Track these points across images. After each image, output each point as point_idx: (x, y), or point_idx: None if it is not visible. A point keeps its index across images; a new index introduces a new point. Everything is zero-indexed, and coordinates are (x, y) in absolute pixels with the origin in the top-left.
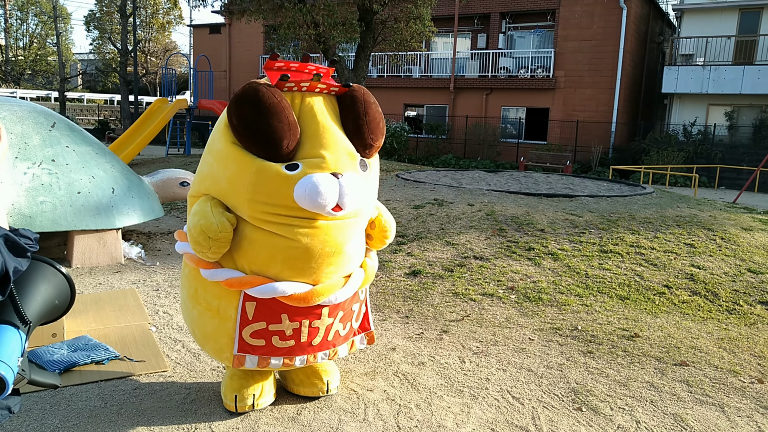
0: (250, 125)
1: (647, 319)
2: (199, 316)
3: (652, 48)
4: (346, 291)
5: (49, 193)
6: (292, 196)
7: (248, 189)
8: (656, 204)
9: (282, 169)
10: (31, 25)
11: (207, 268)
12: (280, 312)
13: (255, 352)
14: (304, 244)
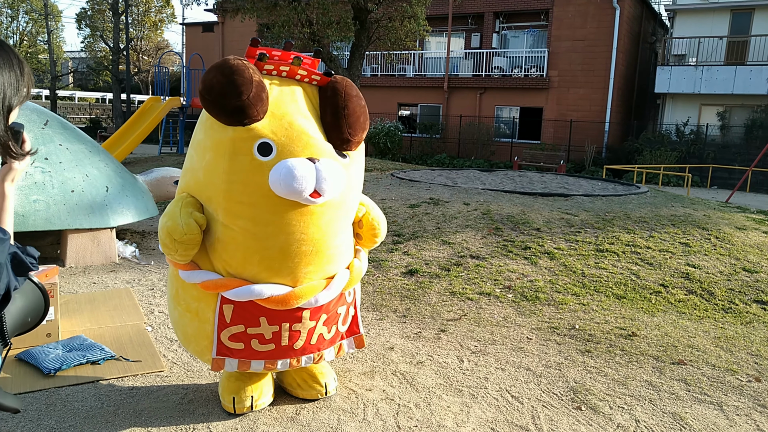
0: (212, 84)
1: (644, 318)
2: (180, 318)
3: (645, 48)
4: (328, 293)
5: (42, 191)
6: (267, 184)
7: (223, 178)
8: (651, 203)
9: (256, 155)
10: (22, 23)
11: (184, 269)
12: (259, 315)
13: (234, 356)
14: (280, 242)
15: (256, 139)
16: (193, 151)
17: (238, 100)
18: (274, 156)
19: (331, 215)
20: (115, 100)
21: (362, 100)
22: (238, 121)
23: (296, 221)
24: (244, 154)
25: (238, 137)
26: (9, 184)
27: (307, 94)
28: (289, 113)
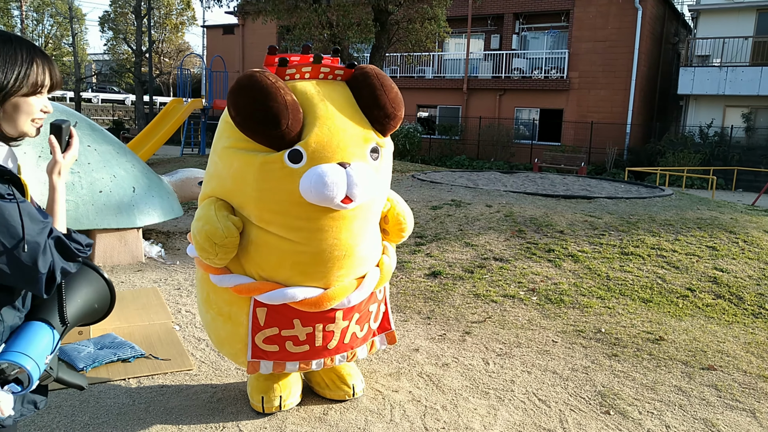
0: (246, 111)
1: (671, 322)
2: (212, 321)
3: (668, 49)
4: (360, 293)
5: (72, 191)
6: (297, 191)
7: (253, 186)
8: (676, 206)
9: (286, 162)
10: (47, 26)
11: (216, 273)
12: (292, 317)
13: (269, 358)
14: (313, 248)
15: (288, 147)
16: (218, 158)
17: (278, 130)
18: (305, 163)
19: (363, 219)
20: (138, 102)
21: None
22: (276, 146)
23: (328, 227)
24: (273, 162)
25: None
26: (56, 176)
27: (335, 91)
28: (318, 118)
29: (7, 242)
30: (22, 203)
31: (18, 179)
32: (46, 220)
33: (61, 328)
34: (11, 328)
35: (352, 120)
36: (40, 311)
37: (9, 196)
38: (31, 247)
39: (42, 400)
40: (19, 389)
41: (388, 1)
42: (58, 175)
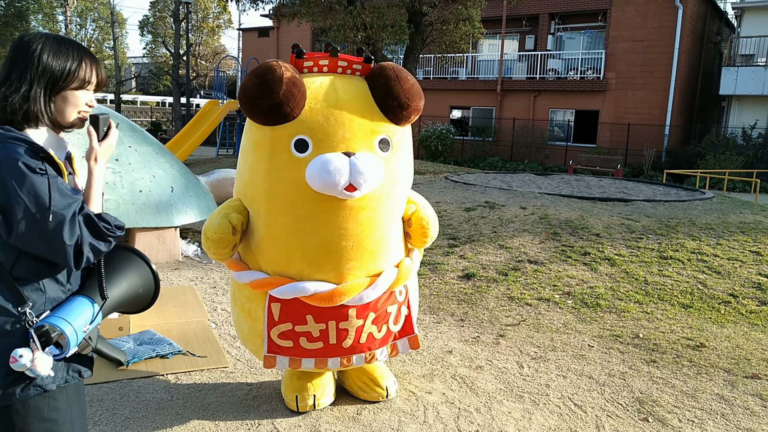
0: (249, 89)
1: (713, 328)
2: (238, 318)
3: (709, 48)
4: (373, 291)
5: (113, 191)
6: (304, 180)
7: (264, 177)
8: (717, 209)
9: (293, 152)
10: (89, 31)
11: (236, 269)
12: (305, 313)
13: (284, 353)
14: (320, 237)
15: (293, 136)
16: (240, 155)
17: (270, 99)
18: (311, 152)
19: (372, 210)
20: (175, 104)
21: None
22: (273, 119)
23: (335, 216)
24: (281, 152)
25: (275, 136)
26: (93, 162)
27: (350, 84)
28: (327, 108)
29: (35, 211)
30: (53, 178)
31: (52, 158)
32: (75, 196)
33: (101, 303)
34: (54, 300)
35: (361, 111)
36: (84, 289)
37: (41, 171)
38: (56, 218)
39: (86, 371)
40: (58, 352)
41: (423, 3)
42: (95, 161)
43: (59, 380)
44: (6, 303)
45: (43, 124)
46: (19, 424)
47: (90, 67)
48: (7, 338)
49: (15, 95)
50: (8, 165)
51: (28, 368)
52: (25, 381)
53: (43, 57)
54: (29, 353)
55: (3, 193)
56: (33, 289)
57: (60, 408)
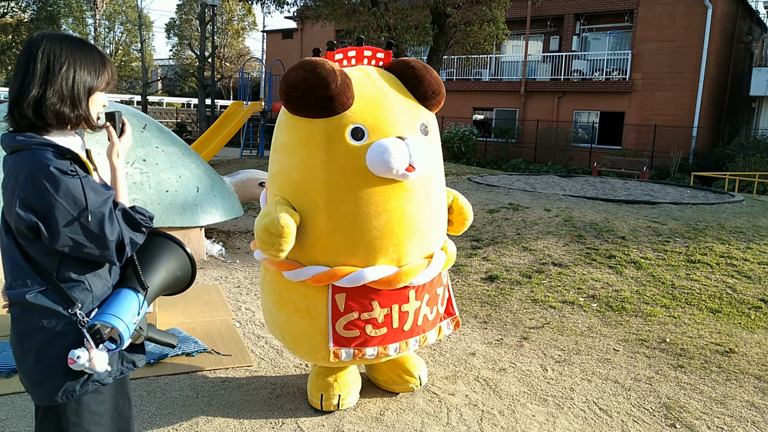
0: (299, 83)
1: (743, 334)
2: (288, 320)
3: (739, 48)
4: (430, 271)
5: (140, 191)
6: (364, 165)
7: (321, 169)
8: (747, 213)
9: (350, 140)
10: (117, 33)
11: (290, 269)
12: (371, 299)
13: (350, 344)
14: (382, 221)
15: (348, 125)
16: (279, 155)
17: (328, 90)
18: (367, 139)
19: (423, 190)
20: (200, 105)
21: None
22: (330, 110)
23: (395, 198)
24: (338, 142)
25: (331, 126)
26: (115, 158)
27: (385, 76)
28: (372, 97)
29: (74, 212)
30: (84, 178)
31: (79, 158)
32: (108, 192)
33: (144, 292)
34: (101, 296)
35: (401, 99)
36: (126, 281)
37: (72, 172)
38: (95, 215)
39: (141, 359)
40: (114, 347)
41: (447, 4)
42: (117, 157)
43: (115, 373)
44: (56, 306)
45: (78, 125)
46: (72, 418)
47: (110, 68)
48: (62, 339)
49: (54, 97)
50: (41, 171)
51: (87, 367)
52: (83, 378)
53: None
54: (86, 353)
55: (40, 199)
56: (80, 290)
57: (105, 400)
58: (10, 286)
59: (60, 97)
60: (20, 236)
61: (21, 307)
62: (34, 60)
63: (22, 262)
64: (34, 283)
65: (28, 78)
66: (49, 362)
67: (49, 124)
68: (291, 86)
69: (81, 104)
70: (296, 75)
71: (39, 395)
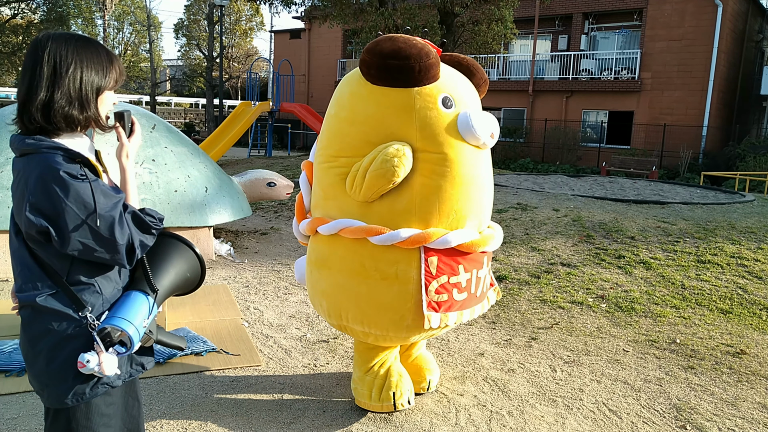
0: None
1: (754, 335)
2: (371, 290)
3: (750, 47)
4: (498, 239)
5: (150, 191)
6: (456, 131)
7: (417, 136)
8: (758, 213)
9: (441, 108)
10: (126, 34)
11: (376, 234)
12: (458, 263)
13: (439, 308)
14: (471, 186)
15: (439, 93)
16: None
17: (428, 59)
18: (455, 108)
19: (490, 160)
20: (208, 105)
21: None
22: (427, 79)
23: (480, 164)
24: (430, 110)
25: (424, 94)
26: (124, 159)
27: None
28: (450, 72)
29: (84, 217)
30: (94, 182)
31: (89, 161)
32: (119, 195)
33: (154, 295)
34: (111, 299)
35: (463, 78)
36: (136, 283)
37: (82, 176)
38: (105, 219)
39: (149, 361)
40: (123, 350)
41: (455, 3)
42: (126, 158)
43: (124, 375)
44: (66, 309)
45: (88, 127)
46: (82, 420)
47: (118, 67)
48: (73, 342)
49: (62, 100)
50: (51, 175)
51: (96, 371)
52: (93, 381)
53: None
54: (95, 357)
55: (50, 204)
56: (90, 293)
57: (115, 402)
58: (21, 288)
59: (68, 99)
60: (30, 240)
61: (32, 310)
62: (41, 62)
63: (32, 265)
64: (44, 286)
65: (36, 81)
66: (59, 365)
67: (58, 127)
68: (388, 54)
69: (90, 105)
70: (393, 44)
71: (49, 398)
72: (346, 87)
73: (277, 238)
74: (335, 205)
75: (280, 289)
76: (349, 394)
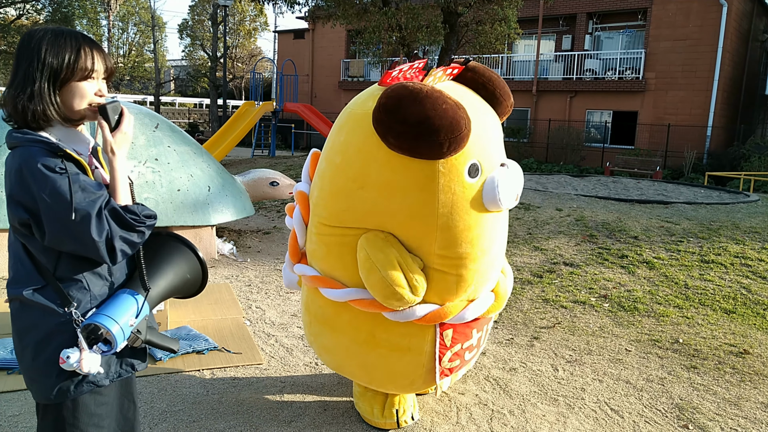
0: (427, 122)
1: (757, 335)
2: (382, 359)
3: (755, 47)
4: (510, 286)
5: (153, 190)
6: (480, 203)
7: (441, 212)
8: (762, 213)
9: (466, 179)
10: (131, 35)
11: (389, 310)
12: (472, 328)
13: (450, 373)
14: (492, 254)
15: (466, 162)
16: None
17: (459, 132)
18: (481, 175)
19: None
20: (212, 105)
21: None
22: (454, 152)
23: (500, 230)
24: (456, 183)
25: (449, 166)
26: (110, 155)
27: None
28: (478, 124)
29: (58, 210)
30: (74, 175)
31: (71, 155)
32: (99, 191)
33: (145, 294)
34: (99, 296)
35: (487, 113)
36: (130, 282)
37: (61, 170)
38: (81, 214)
39: (140, 363)
40: (107, 349)
41: (458, 3)
42: (112, 153)
43: (112, 375)
44: (52, 304)
45: (54, 120)
46: (68, 419)
47: (91, 55)
48: (58, 338)
49: (22, 95)
50: (28, 168)
51: (76, 367)
52: (78, 378)
53: (42, 52)
54: (77, 353)
55: (29, 197)
56: (77, 289)
57: (106, 402)
58: (10, 281)
59: (28, 93)
60: (17, 233)
61: (20, 304)
62: (16, 56)
63: (24, 259)
64: (33, 280)
65: (12, 75)
66: (44, 360)
67: (26, 121)
68: (413, 124)
69: (46, 98)
70: (419, 110)
71: (36, 393)
72: (351, 135)
73: (280, 237)
74: (343, 268)
75: (282, 288)
76: (349, 393)
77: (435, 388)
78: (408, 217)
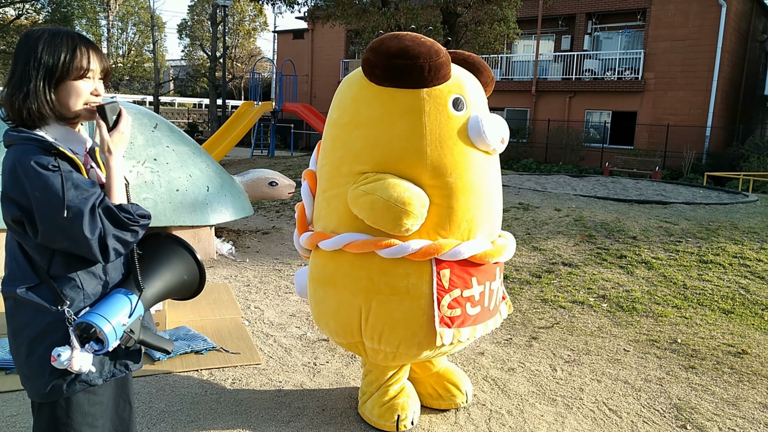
0: (409, 49)
1: (756, 335)
2: (381, 306)
3: (754, 47)
4: (511, 249)
5: (151, 190)
6: (466, 136)
7: (429, 139)
8: (761, 213)
9: (451, 110)
10: (130, 35)
11: (389, 246)
12: (471, 276)
13: (451, 324)
14: (481, 193)
15: (450, 94)
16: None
17: (439, 57)
18: (465, 110)
19: (498, 164)
20: (212, 105)
21: None
22: (436, 78)
23: (489, 170)
24: (441, 112)
25: (434, 95)
26: (107, 154)
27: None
28: (460, 72)
29: (50, 208)
30: (67, 173)
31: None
32: (92, 189)
33: (139, 294)
34: (93, 295)
35: (472, 77)
36: (125, 282)
37: (53, 167)
38: (72, 212)
39: (133, 364)
40: (99, 348)
41: (457, 3)
42: (108, 153)
43: (106, 374)
44: (45, 302)
45: (50, 119)
46: (62, 418)
47: (87, 55)
48: (51, 336)
49: (18, 94)
50: (22, 166)
51: (67, 366)
52: (70, 377)
53: (38, 51)
54: (68, 352)
55: (22, 194)
56: (71, 287)
57: (101, 402)
58: (5, 279)
59: (24, 92)
60: (12, 230)
61: (14, 302)
62: (14, 58)
63: (19, 257)
64: (27, 278)
65: (9, 77)
66: (37, 358)
67: (23, 120)
68: (395, 53)
69: (40, 97)
70: (399, 42)
71: (30, 391)
72: (347, 89)
73: (279, 237)
74: (337, 218)
75: (280, 288)
76: (348, 393)
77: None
78: (399, 148)
